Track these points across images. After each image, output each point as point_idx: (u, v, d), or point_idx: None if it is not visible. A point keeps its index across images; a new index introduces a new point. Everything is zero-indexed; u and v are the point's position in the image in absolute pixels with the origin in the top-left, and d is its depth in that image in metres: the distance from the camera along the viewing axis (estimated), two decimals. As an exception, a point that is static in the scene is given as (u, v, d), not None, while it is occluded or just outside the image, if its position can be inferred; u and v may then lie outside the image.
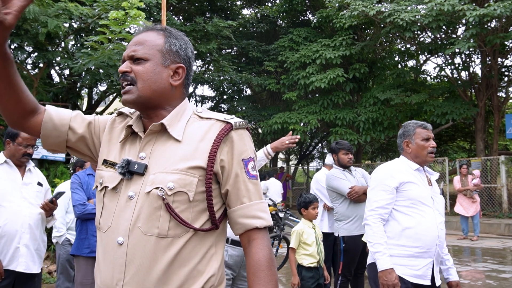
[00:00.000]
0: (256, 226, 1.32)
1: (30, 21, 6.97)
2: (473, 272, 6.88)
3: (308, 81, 14.22)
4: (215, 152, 1.29)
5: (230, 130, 1.33)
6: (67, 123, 1.41)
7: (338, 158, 4.53)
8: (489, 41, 11.92)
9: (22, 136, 3.25)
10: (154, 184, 1.26)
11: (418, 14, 12.10)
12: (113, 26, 6.27)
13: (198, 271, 1.27)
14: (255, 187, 1.35)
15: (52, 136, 1.40)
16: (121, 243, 1.25)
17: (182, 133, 1.33)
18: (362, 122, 13.96)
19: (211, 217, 1.31)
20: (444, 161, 13.94)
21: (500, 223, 11.20)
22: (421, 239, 2.56)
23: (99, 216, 1.36)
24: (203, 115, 1.38)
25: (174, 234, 1.25)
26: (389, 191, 2.66)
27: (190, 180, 1.27)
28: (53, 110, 1.42)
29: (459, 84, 14.45)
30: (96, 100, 14.84)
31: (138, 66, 1.33)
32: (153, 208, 1.25)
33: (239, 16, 18.22)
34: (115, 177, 1.32)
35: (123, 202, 1.29)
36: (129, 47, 1.37)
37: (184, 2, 16.14)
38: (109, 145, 1.41)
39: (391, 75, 16.18)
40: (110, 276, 1.26)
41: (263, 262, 1.30)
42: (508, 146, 21.12)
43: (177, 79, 1.37)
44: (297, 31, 15.60)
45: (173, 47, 1.37)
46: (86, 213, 3.51)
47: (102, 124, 1.46)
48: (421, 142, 2.72)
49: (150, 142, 1.33)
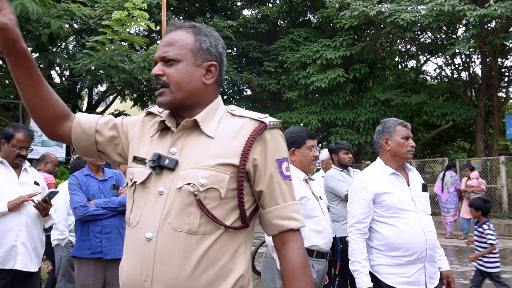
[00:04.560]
0: (291, 228, 1.32)
1: (32, 22, 6.99)
2: (473, 272, 6.87)
3: (308, 81, 14.23)
4: (248, 150, 1.28)
5: (264, 129, 1.31)
6: (94, 126, 1.43)
7: (338, 158, 4.53)
8: (489, 42, 11.92)
9: (17, 137, 3.26)
10: (185, 179, 1.25)
11: (419, 15, 12.10)
12: (116, 27, 6.29)
13: (227, 270, 1.26)
14: (289, 188, 1.35)
15: (82, 140, 1.43)
16: (149, 239, 1.24)
17: (214, 130, 1.32)
18: (362, 122, 13.97)
19: (241, 215, 1.30)
20: (444, 162, 13.94)
21: (500, 223, 11.21)
22: (409, 248, 2.47)
23: (129, 213, 1.35)
24: (236, 113, 1.37)
25: (204, 231, 1.24)
26: (365, 205, 2.57)
27: (222, 177, 1.26)
28: (82, 115, 1.45)
29: (459, 84, 14.45)
30: (96, 101, 14.86)
31: (171, 68, 1.32)
32: (184, 204, 1.25)
33: (240, 16, 18.22)
34: (144, 172, 1.32)
35: (153, 197, 1.28)
36: (159, 48, 1.36)
37: (185, 2, 16.15)
38: (138, 142, 1.40)
39: (391, 75, 16.19)
40: (138, 272, 1.25)
41: (299, 265, 1.30)
42: (508, 146, 21.12)
43: (210, 77, 1.36)
44: (298, 31, 15.60)
45: (204, 45, 1.36)
46: (88, 215, 3.44)
47: (130, 124, 1.47)
48: (401, 140, 2.65)
49: (181, 138, 1.33)
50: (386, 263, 2.52)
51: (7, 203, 3.13)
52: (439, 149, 22.30)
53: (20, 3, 6.53)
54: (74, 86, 12.09)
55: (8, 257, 3.12)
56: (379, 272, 2.54)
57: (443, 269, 2.69)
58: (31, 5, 6.45)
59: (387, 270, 2.51)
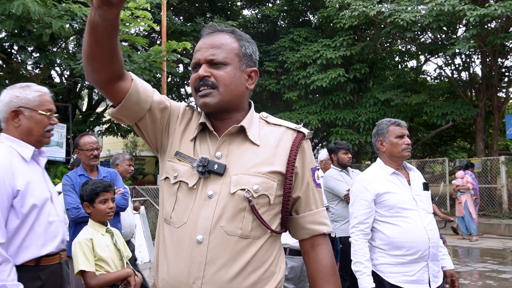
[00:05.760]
0: (323, 232, 1.40)
1: (33, 22, 7.00)
2: (473, 272, 6.89)
3: (309, 80, 14.24)
4: (294, 160, 1.35)
5: (302, 139, 1.39)
6: (150, 102, 1.34)
7: (337, 158, 4.53)
8: (489, 42, 11.93)
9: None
10: (239, 185, 1.28)
11: (419, 15, 12.11)
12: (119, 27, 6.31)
13: (271, 272, 1.32)
14: (319, 195, 1.44)
15: (131, 109, 1.32)
16: (201, 242, 1.26)
17: (258, 137, 1.36)
18: (362, 122, 13.98)
19: (282, 220, 1.37)
20: (444, 162, 13.96)
21: (500, 223, 11.21)
22: (412, 246, 2.47)
23: (170, 210, 1.33)
24: (270, 121, 1.44)
25: (255, 235, 1.29)
26: (366, 205, 2.59)
27: (271, 184, 1.32)
28: (140, 82, 1.33)
29: (459, 84, 14.46)
30: (96, 101, 14.85)
31: (219, 71, 1.33)
32: (238, 209, 1.28)
33: (240, 16, 18.22)
34: (192, 174, 1.32)
35: (201, 200, 1.29)
36: (203, 49, 1.35)
37: (185, 3, 16.15)
38: (180, 137, 1.39)
39: (391, 75, 16.20)
40: (185, 273, 1.26)
41: (330, 267, 1.38)
42: (508, 146, 21.13)
43: (252, 83, 1.41)
44: (298, 31, 15.60)
45: (248, 50, 1.40)
46: (80, 217, 3.33)
47: (175, 112, 1.42)
48: (394, 139, 2.66)
49: (226, 143, 1.35)
50: (389, 262, 2.52)
51: None
52: (439, 149, 22.31)
53: (22, 3, 6.53)
54: (74, 86, 12.08)
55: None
56: (382, 271, 2.54)
57: (447, 268, 2.69)
58: (33, 5, 6.46)
59: (391, 269, 2.52)
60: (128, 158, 4.48)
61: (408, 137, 2.69)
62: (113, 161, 4.49)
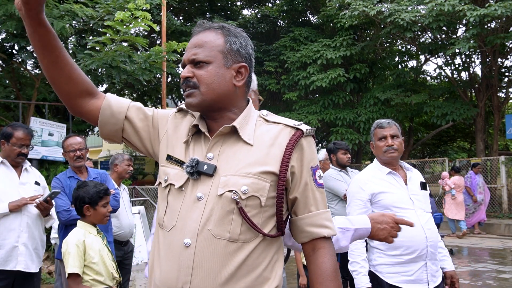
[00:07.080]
0: (324, 235, 1.32)
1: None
2: (473, 272, 6.90)
3: (309, 80, 14.25)
4: (288, 159, 1.28)
5: (300, 137, 1.31)
6: (125, 111, 1.38)
7: (336, 158, 4.54)
8: (489, 42, 11.93)
9: (16, 136, 3.25)
10: (227, 186, 1.24)
11: (419, 14, 12.10)
12: (119, 27, 6.30)
13: (264, 278, 1.26)
14: (321, 196, 1.35)
15: (109, 124, 1.36)
16: (188, 245, 1.22)
17: (252, 136, 1.31)
18: (362, 122, 13.97)
19: (278, 223, 1.30)
20: (444, 162, 13.96)
21: (500, 223, 11.22)
22: (409, 246, 2.47)
23: (162, 214, 1.32)
24: (269, 119, 1.37)
25: (244, 238, 1.24)
26: (362, 205, 2.60)
27: (263, 185, 1.25)
28: (112, 97, 1.38)
29: (459, 84, 14.46)
30: (97, 101, 14.86)
31: (200, 70, 1.30)
32: (225, 211, 1.23)
33: (240, 16, 18.23)
34: (181, 176, 1.29)
35: (190, 202, 1.26)
36: (188, 50, 1.34)
37: (185, 3, 16.16)
38: (172, 141, 1.37)
39: (391, 75, 16.21)
40: (174, 278, 1.23)
41: (330, 272, 1.30)
42: (509, 146, 21.13)
43: (240, 79, 1.34)
44: (298, 30, 15.61)
45: (234, 46, 1.33)
46: (71, 219, 3.32)
47: (162, 118, 1.42)
48: (377, 142, 2.67)
49: (218, 143, 1.31)
50: (387, 262, 2.52)
51: (8, 204, 3.13)
52: (439, 149, 22.32)
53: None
54: (75, 86, 12.04)
55: (9, 258, 3.12)
56: (380, 271, 2.54)
57: (447, 269, 2.68)
58: (33, 5, 6.42)
59: (389, 269, 2.51)
60: (127, 158, 4.49)
61: (396, 137, 2.66)
62: (112, 161, 4.50)
